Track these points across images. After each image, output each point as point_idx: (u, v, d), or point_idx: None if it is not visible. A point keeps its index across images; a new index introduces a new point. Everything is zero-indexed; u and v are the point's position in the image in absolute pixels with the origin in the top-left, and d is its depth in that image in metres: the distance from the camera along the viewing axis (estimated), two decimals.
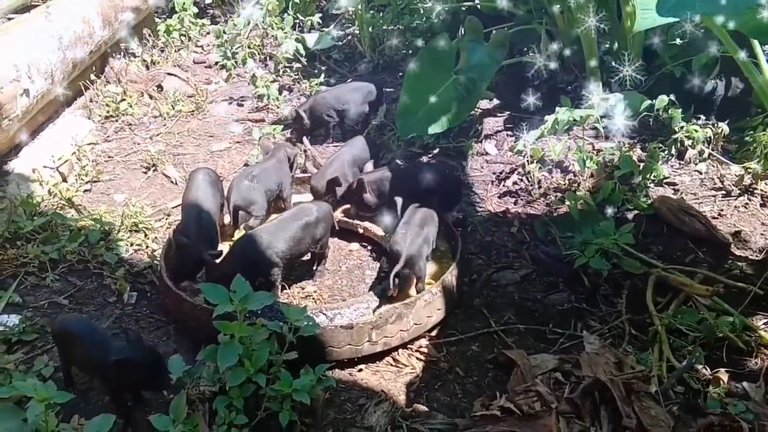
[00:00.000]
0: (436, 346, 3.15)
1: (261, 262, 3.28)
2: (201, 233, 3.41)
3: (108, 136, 4.94)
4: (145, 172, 4.58)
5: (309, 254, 3.55)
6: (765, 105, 3.21)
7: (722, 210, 3.93)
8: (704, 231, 3.69)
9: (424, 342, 3.17)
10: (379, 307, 3.13)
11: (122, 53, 5.69)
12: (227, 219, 3.80)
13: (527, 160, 4.22)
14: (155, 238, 3.91)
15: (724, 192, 4.06)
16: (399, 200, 3.66)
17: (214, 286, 2.74)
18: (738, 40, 3.58)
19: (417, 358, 3.09)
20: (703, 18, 2.83)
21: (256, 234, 3.35)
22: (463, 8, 5.69)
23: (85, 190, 4.38)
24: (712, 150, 4.24)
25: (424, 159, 4.54)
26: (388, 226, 3.70)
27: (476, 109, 4.82)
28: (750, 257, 3.59)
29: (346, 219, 3.83)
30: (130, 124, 5.09)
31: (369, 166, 4.04)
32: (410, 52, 5.72)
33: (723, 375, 2.85)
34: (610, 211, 3.86)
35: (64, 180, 4.38)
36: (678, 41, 4.61)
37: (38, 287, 3.52)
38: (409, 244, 3.19)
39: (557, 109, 4.35)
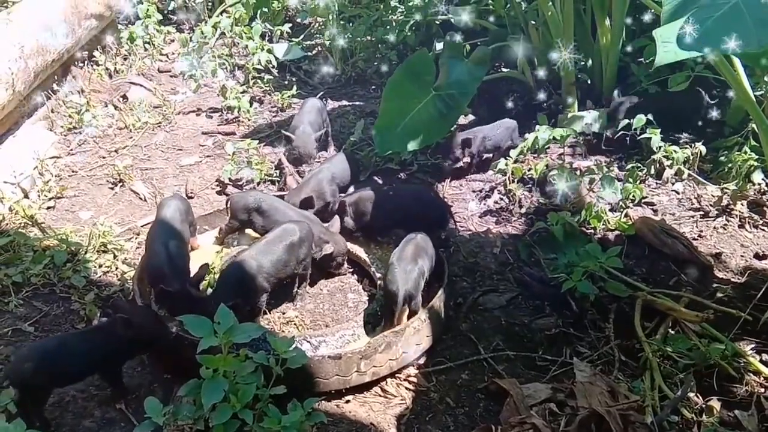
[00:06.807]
0: (425, 374, 3.05)
1: (251, 289, 3.15)
2: (174, 272, 3.22)
3: (71, 149, 4.71)
4: (112, 188, 4.38)
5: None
6: (755, 119, 3.27)
7: (702, 231, 3.94)
8: (686, 253, 3.69)
9: (412, 371, 3.07)
10: (366, 334, 3.06)
11: (85, 62, 5.47)
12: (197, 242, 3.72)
13: (509, 179, 4.17)
14: (125, 259, 3.72)
15: (702, 212, 4.07)
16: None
17: (197, 317, 2.60)
18: None
19: (406, 388, 2.99)
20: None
21: (244, 260, 3.21)
22: (437, 22, 5.64)
23: (49, 207, 4.15)
24: (689, 170, 4.26)
25: (402, 176, 4.46)
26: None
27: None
28: (732, 279, 3.59)
29: None
30: (95, 137, 4.86)
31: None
32: (383, 65, 5.65)
33: (716, 403, 2.82)
34: (592, 232, 3.86)
35: (26, 196, 4.14)
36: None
37: (0, 313, 3.32)
38: (404, 282, 3.09)
39: (537, 127, 4.33)
